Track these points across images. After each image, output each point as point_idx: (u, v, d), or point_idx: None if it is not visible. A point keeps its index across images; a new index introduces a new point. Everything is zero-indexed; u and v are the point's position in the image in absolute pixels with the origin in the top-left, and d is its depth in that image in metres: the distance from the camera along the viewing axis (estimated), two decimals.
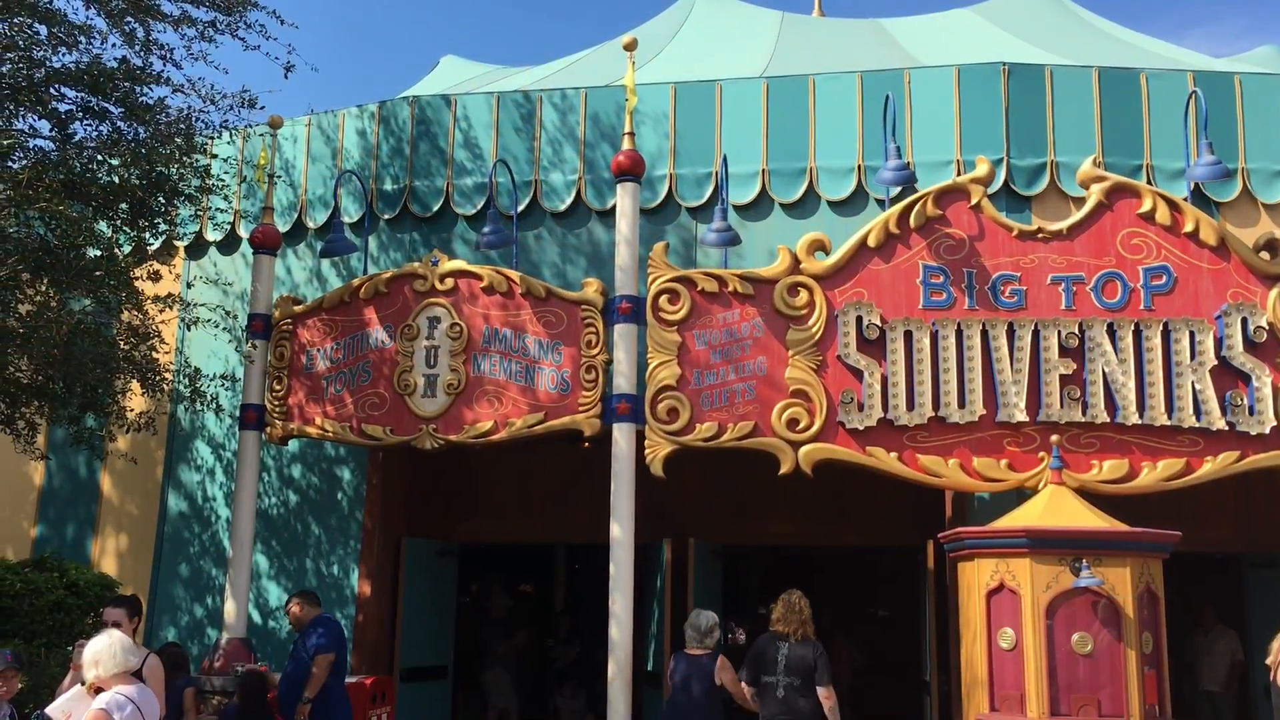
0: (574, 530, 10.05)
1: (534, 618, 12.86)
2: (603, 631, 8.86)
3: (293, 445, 9.46)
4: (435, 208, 9.65)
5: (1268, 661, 7.00)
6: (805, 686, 6.94)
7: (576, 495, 9.88)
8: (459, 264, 8.72)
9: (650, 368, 8.07)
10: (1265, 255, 7.86)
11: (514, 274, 8.55)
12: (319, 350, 8.83)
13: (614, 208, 8.98)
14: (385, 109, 9.94)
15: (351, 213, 9.77)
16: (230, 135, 9.58)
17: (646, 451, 8.00)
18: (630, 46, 8.52)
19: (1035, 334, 7.79)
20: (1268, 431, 7.60)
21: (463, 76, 14.77)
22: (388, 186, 9.79)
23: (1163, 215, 7.90)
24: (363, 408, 8.64)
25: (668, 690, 7.45)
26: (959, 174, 8.58)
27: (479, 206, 9.58)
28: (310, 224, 9.96)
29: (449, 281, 8.62)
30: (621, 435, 8.06)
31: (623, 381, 8.11)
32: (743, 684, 7.12)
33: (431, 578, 9.77)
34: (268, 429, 8.86)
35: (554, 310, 8.40)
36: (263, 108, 8.28)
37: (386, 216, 9.74)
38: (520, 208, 9.27)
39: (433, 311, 8.60)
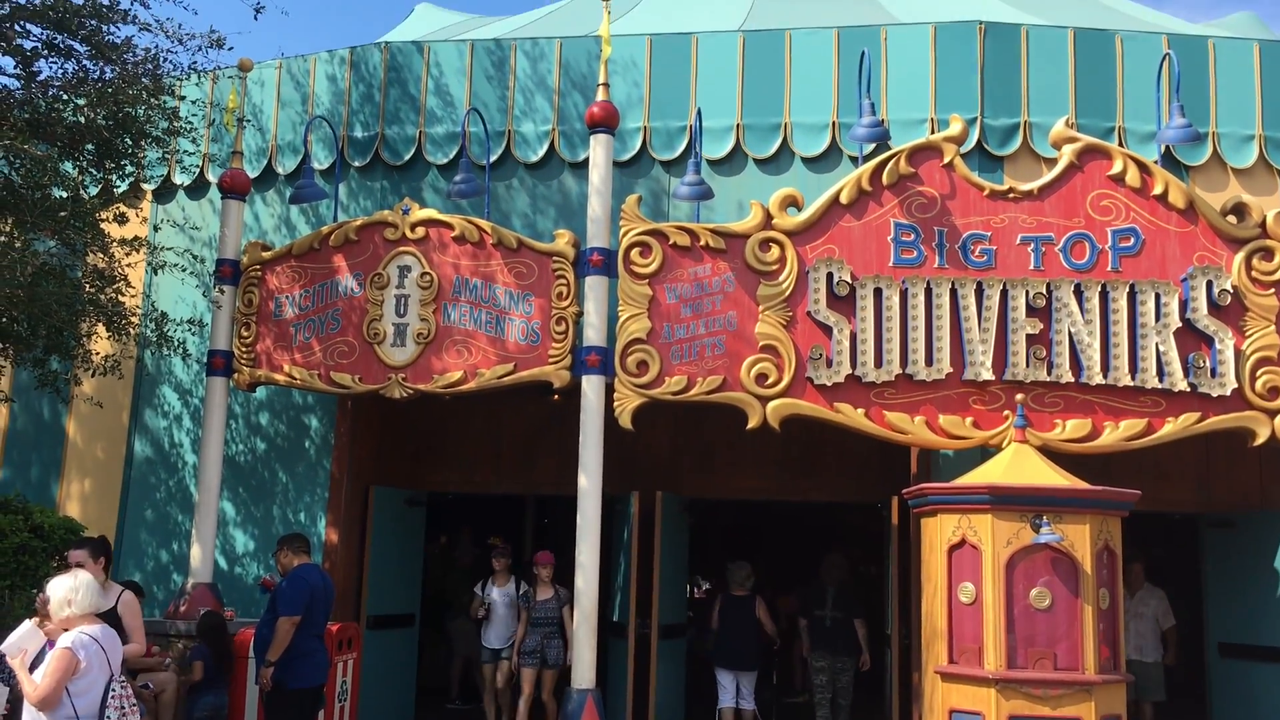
0: (542, 482, 10.08)
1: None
2: (570, 583, 8.99)
3: (260, 392, 9.42)
4: (406, 156, 9.57)
5: None
6: (846, 620, 9.46)
7: (545, 447, 9.91)
8: (430, 213, 8.67)
9: (620, 320, 8.08)
10: (1232, 219, 7.93)
11: (485, 224, 8.52)
12: (287, 297, 8.78)
13: (586, 159, 8.96)
14: (356, 54, 9.82)
15: (321, 159, 9.67)
16: (199, 77, 9.44)
17: (615, 404, 8.03)
18: None
19: (1003, 293, 7.85)
20: (1229, 393, 7.72)
21: (437, 25, 14.58)
22: (358, 133, 9.69)
23: (1133, 177, 7.95)
24: (331, 355, 8.61)
25: (714, 624, 9.52)
26: (933, 132, 8.59)
27: (451, 155, 9.50)
28: (279, 170, 9.85)
29: (420, 230, 8.58)
30: (591, 387, 8.08)
31: (593, 334, 8.11)
32: (800, 618, 9.85)
33: (399, 526, 9.79)
34: (235, 375, 8.83)
35: (525, 261, 8.38)
36: (231, 48, 8.18)
37: (357, 164, 9.65)
38: (493, 158, 9.21)
39: (403, 260, 8.56)
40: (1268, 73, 8.91)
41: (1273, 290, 7.81)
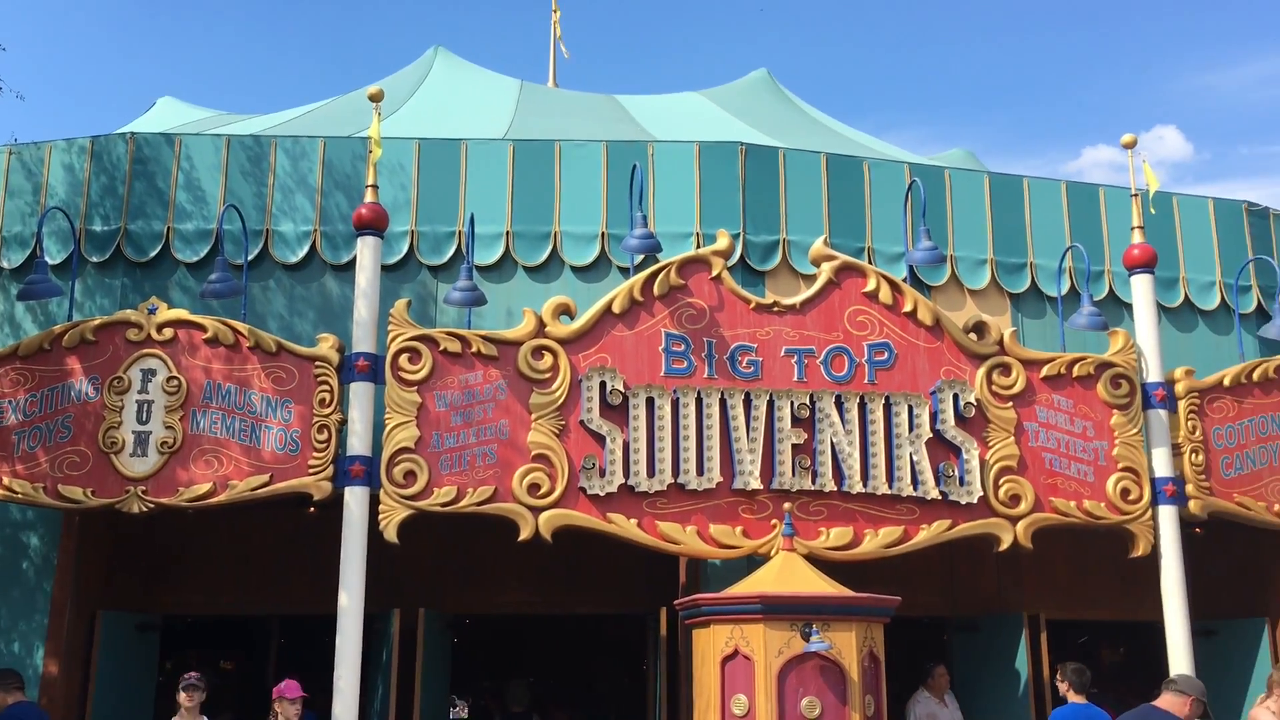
0: (295, 601, 9.42)
1: (242, 695, 11.98)
2: (319, 709, 8.40)
3: None
4: (152, 253, 8.96)
5: None
6: None
7: (298, 563, 9.30)
8: (180, 313, 8.12)
9: (387, 429, 7.75)
10: (973, 336, 8.46)
11: (242, 326, 8.04)
12: (10, 402, 7.95)
13: (349, 262, 8.71)
14: (99, 144, 9.19)
15: (55, 254, 8.92)
16: None
17: (380, 516, 7.65)
18: (376, 97, 8.27)
19: (770, 404, 8.04)
20: (975, 501, 8.14)
21: (182, 120, 13.99)
22: (98, 227, 9.01)
23: (885, 295, 8.38)
24: (60, 467, 7.82)
25: None
26: (698, 246, 8.81)
27: (201, 254, 8.97)
28: (4, 264, 9.02)
29: (168, 331, 8.00)
30: (354, 499, 7.69)
31: (357, 442, 7.75)
32: None
33: (129, 655, 8.91)
34: None
35: (285, 366, 7.95)
36: None
37: (95, 260, 8.95)
38: (249, 257, 8.75)
39: (147, 363, 7.95)
40: (996, 202, 9.68)
41: (1011, 404, 8.35)
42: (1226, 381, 8.88)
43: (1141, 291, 8.89)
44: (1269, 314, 9.55)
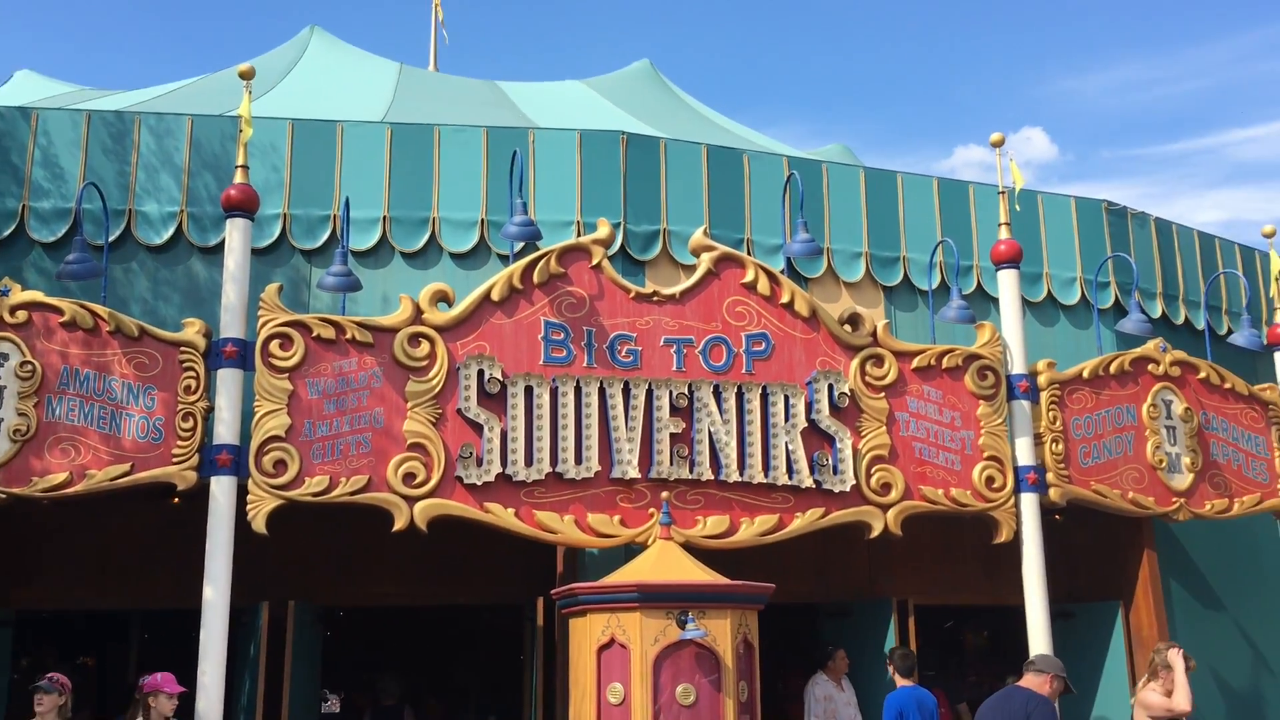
0: (158, 595, 9.10)
1: (102, 693, 11.56)
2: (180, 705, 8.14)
3: None
4: (6, 231, 8.56)
5: None
6: None
7: (162, 556, 8.96)
8: (34, 295, 7.73)
9: (256, 417, 7.53)
10: (848, 328, 8.61)
11: (102, 310, 7.71)
12: None
13: (217, 245, 8.45)
14: None
15: None
16: None
17: (249, 507, 7.44)
18: (247, 75, 8.01)
19: (649, 393, 8.06)
20: (848, 489, 8.29)
21: (41, 94, 13.39)
22: None
23: (763, 286, 8.47)
24: None
25: None
26: (579, 235, 8.78)
27: (59, 234, 8.60)
28: None
29: (21, 314, 7.62)
30: (221, 489, 7.45)
31: (224, 430, 7.51)
32: None
33: None
34: None
35: (148, 351, 7.65)
36: None
37: None
38: (111, 238, 8.41)
39: None
40: (871, 197, 9.88)
41: (883, 394, 8.53)
42: (1085, 374, 9.23)
43: (1007, 286, 9.16)
44: (1126, 309, 9.95)
